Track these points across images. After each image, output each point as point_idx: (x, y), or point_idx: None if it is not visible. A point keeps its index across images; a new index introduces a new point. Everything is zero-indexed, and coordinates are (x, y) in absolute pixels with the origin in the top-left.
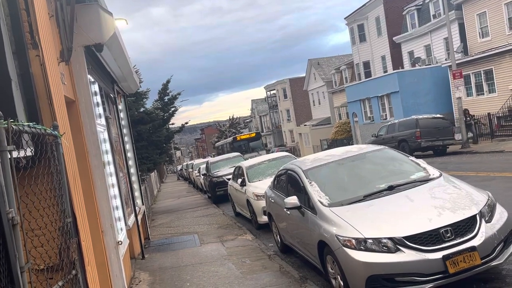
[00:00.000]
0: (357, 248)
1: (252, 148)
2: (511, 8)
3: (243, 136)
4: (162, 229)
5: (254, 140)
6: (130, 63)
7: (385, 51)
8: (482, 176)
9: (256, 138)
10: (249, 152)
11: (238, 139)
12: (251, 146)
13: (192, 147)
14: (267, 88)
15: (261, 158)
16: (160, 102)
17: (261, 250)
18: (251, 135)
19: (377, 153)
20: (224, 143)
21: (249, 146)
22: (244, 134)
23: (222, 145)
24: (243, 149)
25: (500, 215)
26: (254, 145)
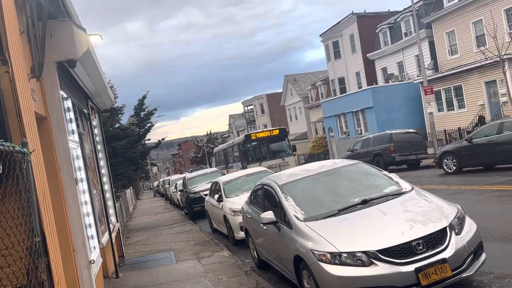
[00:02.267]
0: (332, 262)
1: (273, 152)
2: (478, 27)
3: (260, 133)
4: (138, 247)
5: (277, 139)
6: (105, 79)
7: (360, 67)
8: (453, 189)
9: (279, 136)
10: (269, 158)
11: (253, 138)
12: (273, 149)
13: (169, 162)
14: (245, 103)
15: (238, 173)
16: (136, 118)
17: (238, 266)
18: (273, 132)
19: (351, 168)
20: (228, 146)
21: (270, 150)
22: (262, 131)
23: (224, 150)
24: (260, 155)
25: (469, 227)
26: (276, 147)
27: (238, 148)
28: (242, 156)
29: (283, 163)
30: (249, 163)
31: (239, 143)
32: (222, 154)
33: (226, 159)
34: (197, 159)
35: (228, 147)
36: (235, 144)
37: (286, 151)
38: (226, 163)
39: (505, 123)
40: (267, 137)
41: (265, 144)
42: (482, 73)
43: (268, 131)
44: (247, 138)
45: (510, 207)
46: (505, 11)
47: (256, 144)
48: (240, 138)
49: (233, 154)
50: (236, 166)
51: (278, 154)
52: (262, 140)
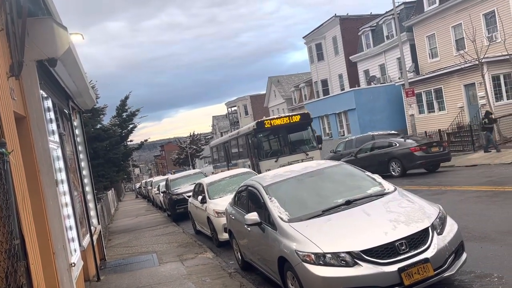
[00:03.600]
0: (316, 263)
1: (293, 145)
2: (458, 31)
3: (277, 120)
4: (120, 249)
5: (298, 128)
6: (86, 79)
7: (342, 69)
8: (434, 190)
9: (301, 124)
10: (288, 152)
11: (268, 126)
12: (293, 140)
13: (151, 164)
14: (228, 104)
15: (221, 175)
16: (118, 119)
17: (221, 268)
18: (293, 119)
19: (334, 169)
20: (231, 139)
21: (289, 141)
22: (279, 117)
23: (224, 144)
24: (276, 148)
25: (450, 227)
26: (297, 138)
27: (246, 140)
28: (253, 151)
29: (307, 159)
30: (262, 159)
31: (248, 133)
32: (221, 149)
33: (227, 155)
34: (180, 160)
35: (231, 139)
36: (242, 135)
37: (310, 143)
38: (227, 160)
39: (375, 143)
40: (286, 125)
41: (283, 134)
42: (462, 76)
43: (286, 117)
44: (260, 126)
45: (489, 207)
46: (483, 16)
47: (271, 134)
48: (249, 126)
49: (238, 148)
50: (243, 163)
51: (299, 147)
52: (278, 129)
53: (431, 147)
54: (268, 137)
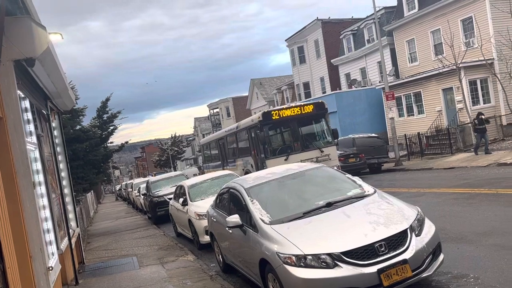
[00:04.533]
0: (297, 265)
1: (306, 139)
2: (436, 36)
3: (286, 110)
4: (99, 252)
5: (312, 120)
6: (65, 79)
7: (324, 72)
8: (413, 192)
9: (315, 115)
10: (300, 148)
11: (276, 117)
12: (305, 134)
13: (132, 166)
14: (210, 106)
15: (203, 177)
16: (99, 120)
17: (202, 270)
18: (305, 109)
19: (316, 171)
20: (228, 134)
21: (300, 136)
22: (289, 107)
23: (219, 141)
24: (286, 143)
25: (428, 228)
26: (311, 131)
27: (249, 135)
28: (257, 147)
29: (322, 156)
30: (269, 157)
31: (252, 126)
32: (215, 146)
33: (223, 153)
34: (161, 162)
35: (228, 135)
36: (243, 128)
37: (324, 137)
38: (222, 159)
39: None
40: (297, 117)
41: (293, 127)
42: (440, 80)
43: (297, 107)
44: (266, 117)
45: (466, 209)
46: (461, 21)
47: (280, 127)
48: (252, 118)
49: (237, 145)
50: (243, 162)
51: (313, 143)
52: (288, 121)
53: (348, 158)
54: (276, 131)
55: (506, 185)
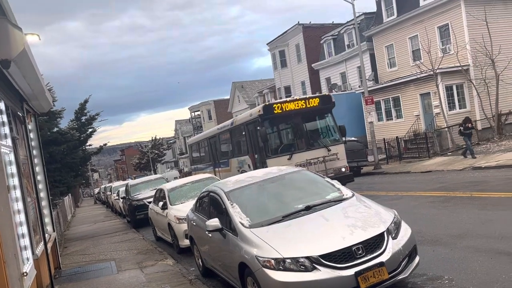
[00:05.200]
0: (276, 268)
1: (311, 137)
2: (414, 42)
3: (290, 103)
4: (76, 257)
5: (317, 114)
6: (42, 81)
7: (305, 76)
8: (391, 195)
9: (321, 110)
10: (305, 147)
11: (277, 111)
12: (310, 130)
13: (111, 169)
14: (192, 109)
15: (183, 180)
16: (77, 123)
17: (182, 275)
18: (310, 102)
19: (295, 175)
20: (221, 132)
21: (305, 132)
22: (293, 100)
23: (210, 140)
24: (289, 141)
25: (405, 231)
26: (316, 127)
27: (247, 132)
28: (257, 145)
29: (330, 155)
30: (271, 155)
31: (250, 121)
32: (205, 145)
33: (214, 153)
34: (141, 165)
35: (220, 132)
36: (240, 125)
37: (331, 134)
38: (213, 159)
39: None
40: (301, 111)
41: (298, 122)
42: (418, 85)
43: (302, 100)
44: (267, 111)
45: (441, 212)
46: (438, 28)
47: (282, 123)
48: (250, 113)
49: (232, 144)
50: (239, 162)
51: (319, 140)
52: (292, 116)
53: None
54: (278, 127)
55: (480, 188)
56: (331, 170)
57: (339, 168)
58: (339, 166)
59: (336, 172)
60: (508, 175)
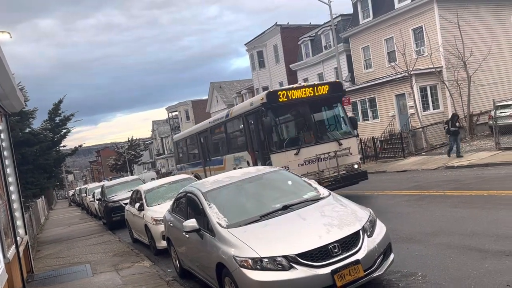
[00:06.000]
0: (254, 268)
1: (320, 129)
2: (389, 44)
3: (296, 91)
4: (49, 261)
5: (326, 104)
6: (13, 80)
7: (283, 77)
8: (368, 194)
9: (330, 98)
10: (314, 140)
11: (282, 99)
12: (319, 122)
13: (86, 170)
14: (169, 109)
15: (160, 181)
16: (50, 123)
17: (159, 276)
18: (319, 90)
19: (273, 175)
20: (213, 126)
21: (314, 124)
22: (300, 86)
23: (200, 135)
24: (295, 134)
25: (380, 229)
26: (325, 118)
27: (245, 123)
28: (259, 138)
29: (341, 150)
30: (275, 150)
31: (250, 111)
32: (194, 142)
33: (205, 149)
34: (117, 166)
35: (212, 126)
36: (238, 116)
37: (342, 126)
38: (204, 156)
39: None
40: (309, 100)
41: (305, 112)
42: (393, 86)
43: (310, 87)
44: (271, 99)
45: (416, 210)
46: (412, 30)
47: (288, 113)
48: (251, 102)
49: (227, 138)
50: (235, 159)
51: (328, 133)
52: (298, 105)
53: None
54: (283, 118)
55: (453, 187)
56: (343, 167)
57: (351, 165)
58: (352, 162)
59: (348, 169)
60: (479, 174)
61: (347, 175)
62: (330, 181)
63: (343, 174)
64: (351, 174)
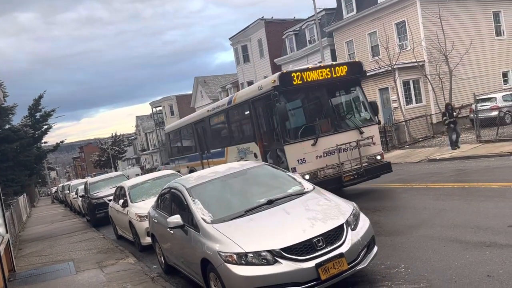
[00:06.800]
0: (238, 263)
1: (339, 116)
2: (373, 38)
3: (311, 72)
4: (32, 259)
5: (344, 88)
6: None
7: (268, 72)
8: (352, 188)
9: (349, 80)
10: (332, 130)
11: (297, 82)
12: (336, 107)
13: (69, 166)
14: (153, 104)
15: (144, 177)
16: (31, 119)
17: (144, 273)
18: (336, 72)
19: (257, 169)
20: (215, 113)
21: (332, 109)
22: (316, 67)
23: (197, 125)
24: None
25: (363, 222)
26: (343, 104)
27: (253, 110)
28: (270, 126)
29: (364, 139)
30: (290, 140)
31: (259, 96)
32: (190, 133)
33: (202, 141)
34: (101, 162)
35: (212, 115)
36: (244, 102)
37: (362, 113)
38: (201, 149)
39: None
40: (327, 82)
41: (322, 96)
42: (377, 80)
43: (327, 67)
44: (285, 81)
45: (398, 203)
46: (395, 25)
47: (302, 97)
48: (259, 85)
49: (230, 127)
50: (239, 151)
51: (347, 120)
52: (315, 88)
53: None
54: (298, 103)
55: (435, 179)
56: (365, 158)
57: (374, 156)
58: (374, 153)
59: (371, 161)
60: (460, 167)
61: (370, 168)
62: (353, 174)
63: (365, 167)
64: (374, 167)
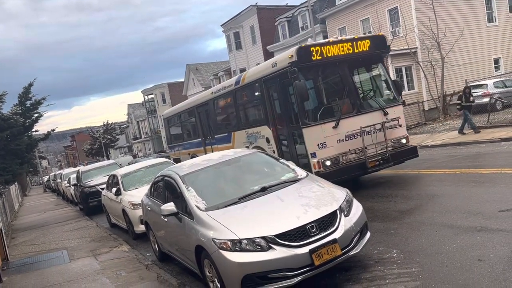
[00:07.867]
0: (233, 250)
1: (362, 96)
2: (366, 25)
3: (332, 47)
4: (25, 248)
5: (367, 64)
6: None
7: (260, 59)
8: None
9: (371, 56)
10: (355, 110)
11: (316, 57)
12: (358, 85)
13: (61, 155)
14: (145, 92)
15: (137, 165)
16: (21, 107)
17: (138, 260)
18: (358, 46)
19: (251, 157)
20: (220, 95)
21: (353, 89)
22: (337, 41)
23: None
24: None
25: (356, 209)
26: (365, 82)
27: (265, 90)
28: (286, 107)
29: (389, 121)
30: (309, 122)
31: (274, 74)
32: (193, 116)
33: (205, 126)
34: (93, 151)
35: (217, 97)
36: (255, 81)
37: (385, 92)
38: (204, 134)
39: None
40: (348, 57)
41: (344, 74)
42: None
43: (348, 42)
44: (303, 56)
45: (392, 190)
46: (388, 11)
47: (322, 75)
48: (275, 61)
49: (237, 110)
50: (248, 136)
51: (370, 100)
52: (335, 65)
53: None
54: (317, 81)
55: (427, 166)
56: (390, 142)
57: (399, 139)
58: (400, 136)
59: (396, 145)
60: (451, 153)
61: (395, 152)
62: (378, 160)
63: (391, 151)
64: (400, 151)
